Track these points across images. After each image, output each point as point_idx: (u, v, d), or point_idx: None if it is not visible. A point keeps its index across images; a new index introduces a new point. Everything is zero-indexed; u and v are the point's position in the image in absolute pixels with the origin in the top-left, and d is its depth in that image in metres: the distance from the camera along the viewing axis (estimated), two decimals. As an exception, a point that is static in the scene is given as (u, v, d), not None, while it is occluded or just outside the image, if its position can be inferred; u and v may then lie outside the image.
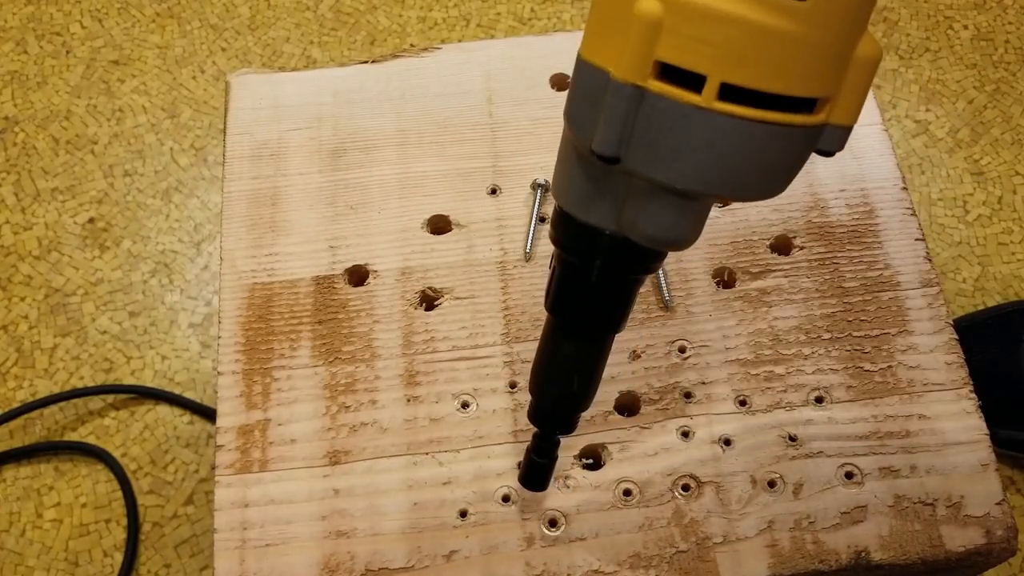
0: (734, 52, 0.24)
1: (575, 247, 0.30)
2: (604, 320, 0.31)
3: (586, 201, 0.28)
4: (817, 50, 0.24)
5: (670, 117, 0.25)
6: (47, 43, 1.08)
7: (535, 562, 0.39)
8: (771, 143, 0.25)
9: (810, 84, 0.25)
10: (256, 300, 0.45)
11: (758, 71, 0.24)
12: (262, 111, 0.51)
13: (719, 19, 0.24)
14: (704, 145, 0.25)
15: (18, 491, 0.81)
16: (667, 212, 0.27)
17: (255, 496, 0.40)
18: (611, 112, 0.25)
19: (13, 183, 0.98)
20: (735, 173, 0.26)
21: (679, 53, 0.24)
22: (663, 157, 0.25)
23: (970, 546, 0.39)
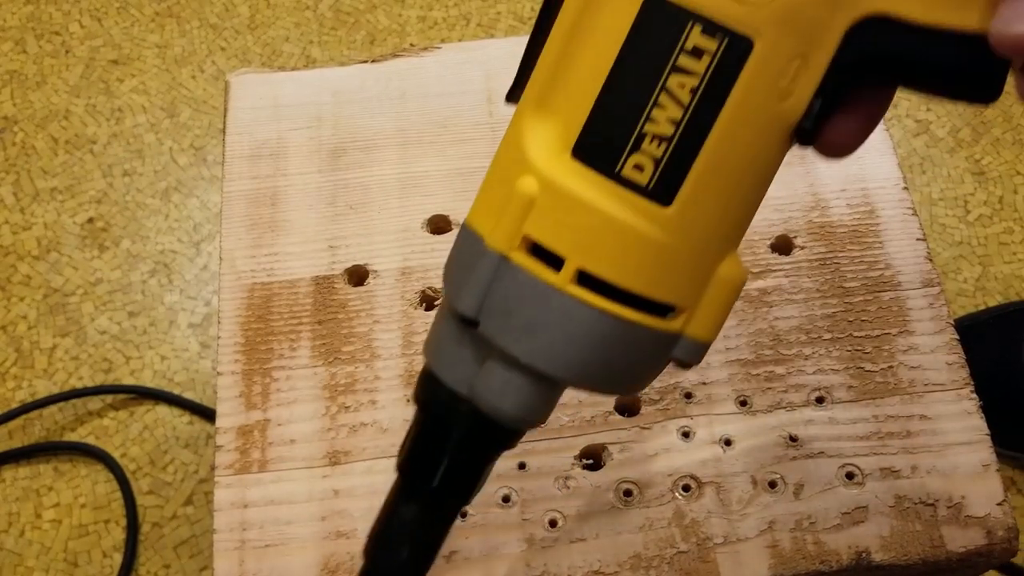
0: (593, 242, 0.25)
1: (435, 411, 0.29)
2: (452, 492, 0.30)
3: (447, 359, 0.28)
4: (674, 258, 0.25)
5: (527, 291, 0.26)
6: (46, 42, 1.07)
7: (535, 563, 0.39)
8: (620, 338, 0.26)
9: (664, 290, 0.26)
10: (255, 300, 0.45)
11: (613, 265, 0.25)
12: (262, 111, 0.51)
13: (583, 208, 0.25)
14: (554, 325, 0.26)
15: (17, 492, 0.81)
16: (513, 385, 0.27)
17: (255, 497, 0.40)
18: (477, 276, 0.26)
19: (12, 183, 0.98)
20: (582, 360, 0.26)
21: (544, 232, 0.25)
22: (515, 329, 0.26)
23: (971, 547, 0.39)
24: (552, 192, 0.25)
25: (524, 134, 0.26)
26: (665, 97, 0.24)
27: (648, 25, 0.24)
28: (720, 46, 0.24)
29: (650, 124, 0.24)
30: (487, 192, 0.27)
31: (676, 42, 0.24)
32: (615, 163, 0.25)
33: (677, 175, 0.24)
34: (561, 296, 0.25)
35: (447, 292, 0.28)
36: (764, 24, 0.23)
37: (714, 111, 0.24)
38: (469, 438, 0.29)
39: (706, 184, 0.25)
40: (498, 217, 0.26)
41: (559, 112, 0.25)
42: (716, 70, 0.24)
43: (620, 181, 0.25)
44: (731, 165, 0.25)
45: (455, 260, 0.28)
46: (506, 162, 0.27)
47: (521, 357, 0.26)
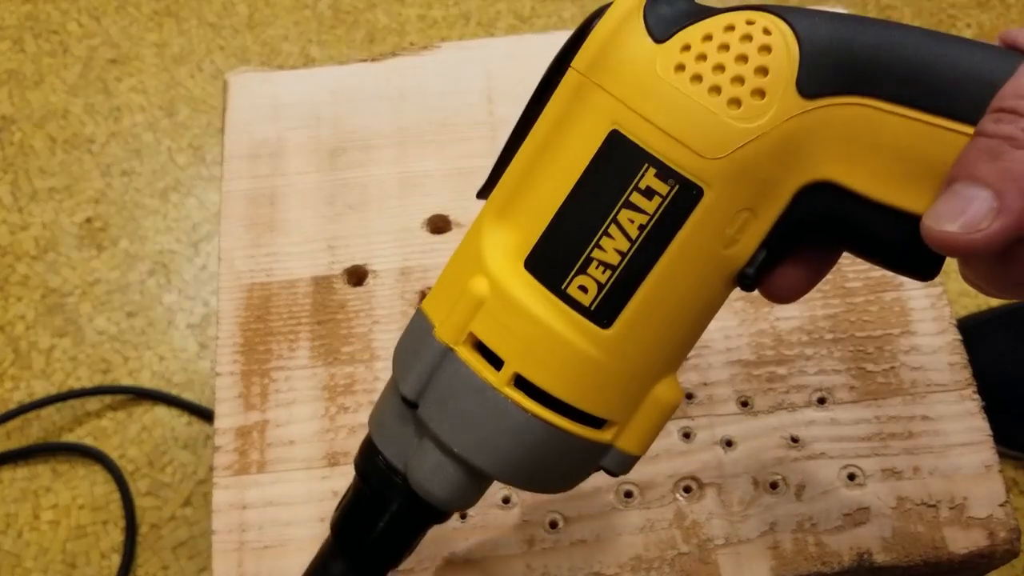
0: (532, 350, 0.26)
1: (372, 479, 0.30)
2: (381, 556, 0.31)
3: (387, 432, 0.30)
4: (609, 376, 0.26)
5: (466, 385, 0.27)
6: (44, 41, 1.07)
7: (535, 564, 0.38)
8: (550, 442, 0.27)
9: (596, 405, 0.27)
10: (254, 300, 0.45)
11: (549, 375, 0.26)
12: (260, 110, 0.50)
13: (527, 317, 0.26)
14: (487, 421, 0.27)
15: (15, 493, 0.81)
16: (444, 471, 0.28)
17: (253, 498, 0.40)
18: (422, 362, 0.27)
19: (10, 182, 0.98)
20: (510, 459, 0.27)
21: (488, 333, 0.26)
22: (451, 419, 0.27)
23: (973, 548, 0.39)
24: (501, 297, 0.26)
25: (483, 237, 0.27)
26: (615, 229, 0.25)
27: (608, 158, 0.25)
28: (671, 191, 0.25)
29: (598, 251, 0.25)
30: (443, 283, 0.29)
31: (631, 180, 0.25)
32: (562, 280, 0.26)
33: (618, 301, 0.26)
34: (496, 395, 0.26)
35: (395, 369, 0.29)
36: (716, 176, 0.24)
37: (659, 248, 0.25)
38: (401, 511, 0.30)
39: (646, 313, 0.26)
40: (449, 310, 0.27)
41: (518, 222, 0.27)
42: (665, 211, 0.25)
43: (564, 298, 0.26)
44: (672, 299, 0.26)
45: (405, 341, 0.29)
46: (464, 259, 0.28)
47: (453, 447, 0.27)
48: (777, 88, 0.24)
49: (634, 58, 0.25)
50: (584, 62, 0.26)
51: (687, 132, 0.24)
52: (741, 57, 0.24)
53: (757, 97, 0.24)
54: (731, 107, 0.24)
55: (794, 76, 0.24)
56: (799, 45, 0.24)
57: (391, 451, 0.29)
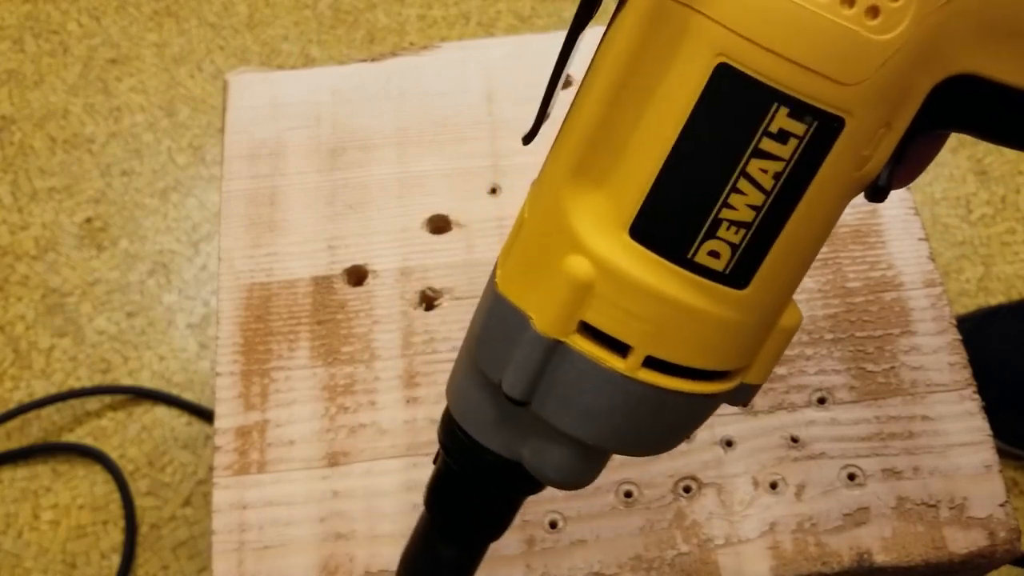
0: (663, 331, 0.23)
1: (464, 462, 0.28)
2: (484, 528, 0.30)
3: (487, 427, 0.27)
4: (747, 331, 0.24)
5: (588, 378, 0.24)
6: (44, 41, 1.07)
7: (535, 564, 0.38)
8: (686, 410, 0.25)
9: (733, 360, 0.25)
10: (254, 300, 0.45)
11: (684, 349, 0.24)
12: (260, 110, 0.50)
13: (651, 296, 0.23)
14: (620, 408, 0.24)
15: (15, 493, 0.81)
16: (569, 459, 0.26)
17: (253, 498, 0.40)
18: (526, 359, 0.24)
19: (10, 182, 0.98)
20: (644, 434, 0.26)
21: (606, 320, 0.23)
22: (575, 413, 0.25)
23: (973, 548, 0.39)
24: (611, 277, 0.23)
25: (565, 205, 0.24)
26: (745, 182, 0.22)
27: (720, 98, 0.21)
28: (809, 129, 0.21)
29: (727, 210, 0.22)
30: (527, 264, 0.25)
31: (758, 124, 0.21)
32: (687, 248, 0.22)
33: (756, 258, 0.23)
34: (628, 382, 0.24)
35: (483, 365, 0.26)
36: (858, 102, 0.21)
37: (798, 193, 0.22)
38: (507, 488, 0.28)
39: (783, 261, 0.23)
40: (546, 299, 0.24)
41: (609, 184, 0.23)
42: (803, 153, 0.22)
43: (693, 268, 0.23)
44: (808, 238, 0.23)
45: (493, 333, 0.26)
46: (546, 234, 0.24)
47: (586, 440, 0.25)
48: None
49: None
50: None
51: (821, 57, 0.20)
52: None
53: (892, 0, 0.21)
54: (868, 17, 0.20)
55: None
56: None
57: (494, 443, 0.27)
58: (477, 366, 0.27)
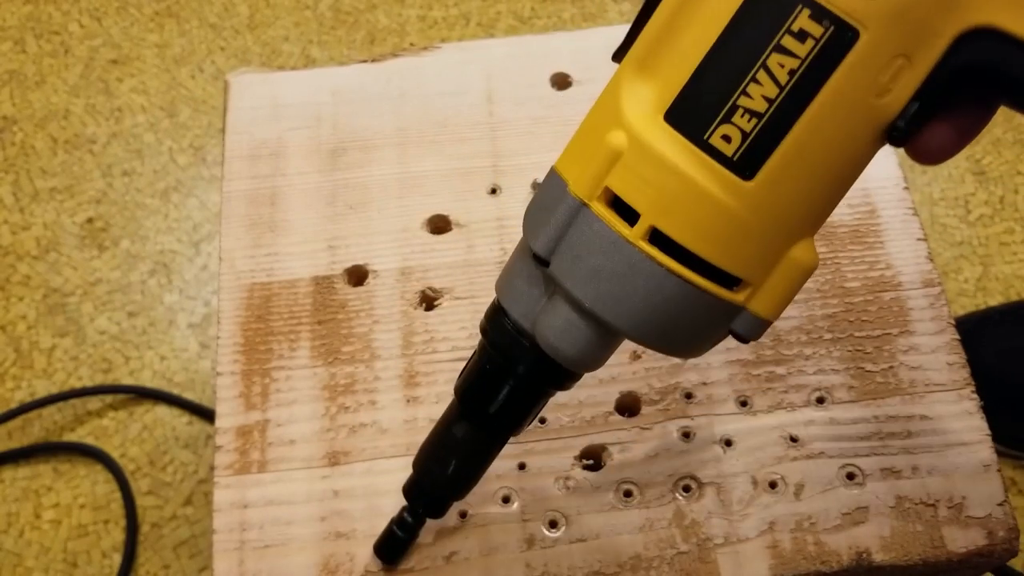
0: (670, 203, 0.25)
1: (499, 342, 0.30)
2: (505, 419, 0.32)
3: (515, 293, 0.30)
4: (747, 232, 0.26)
5: (599, 239, 0.26)
6: (45, 42, 1.07)
7: (535, 563, 0.39)
8: (682, 299, 0.26)
9: (733, 261, 0.26)
10: (255, 300, 0.45)
11: (686, 229, 0.26)
12: (261, 110, 0.51)
13: (666, 169, 0.25)
14: (620, 276, 0.26)
15: (16, 492, 0.81)
16: (575, 328, 0.28)
17: (254, 497, 0.40)
18: (555, 218, 0.27)
19: (11, 183, 0.98)
20: (642, 315, 0.27)
21: (625, 187, 0.26)
22: (583, 274, 0.27)
23: (972, 547, 0.39)
24: (639, 149, 0.25)
25: (622, 90, 0.26)
26: (763, 74, 0.24)
27: (758, 2, 0.24)
28: (826, 33, 0.23)
29: (744, 98, 0.24)
30: (578, 140, 0.28)
31: (783, 22, 0.24)
32: (704, 130, 0.25)
33: (763, 151, 0.25)
34: (631, 249, 0.26)
35: (525, 230, 0.29)
36: (873, 17, 0.23)
37: (809, 95, 0.24)
38: (528, 372, 0.30)
39: (790, 165, 0.25)
40: (584, 165, 0.27)
41: (659, 74, 0.26)
42: (818, 55, 0.24)
43: (706, 149, 0.25)
44: (818, 151, 0.25)
45: (538, 200, 0.29)
46: (600, 114, 0.27)
47: (585, 302, 0.27)
48: None
49: None
50: None
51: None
52: None
53: None
54: None
55: None
56: None
57: (519, 311, 0.29)
58: (523, 242, 0.29)
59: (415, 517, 0.36)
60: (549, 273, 0.28)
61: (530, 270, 0.29)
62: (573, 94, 0.51)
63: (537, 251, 0.27)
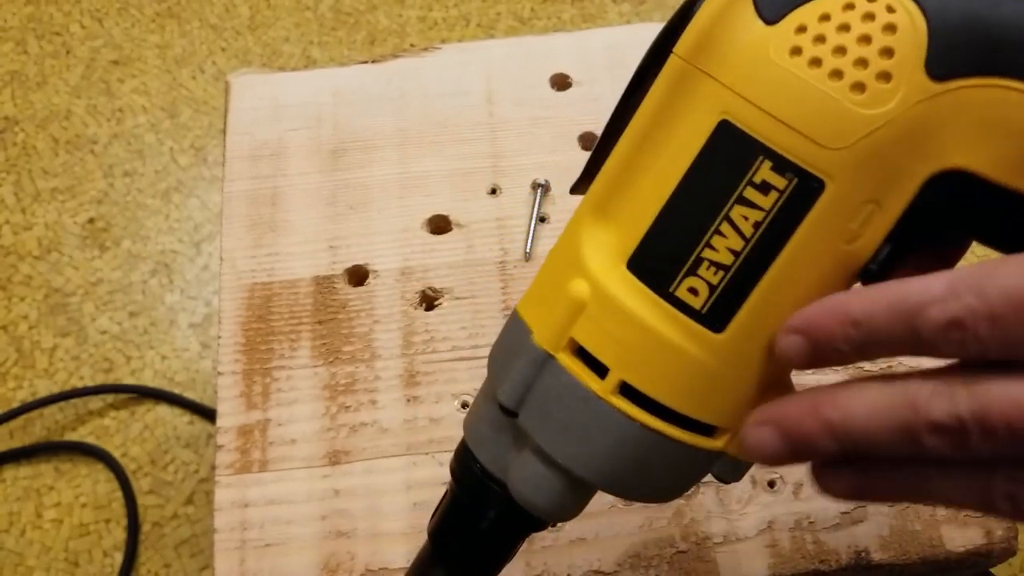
0: (638, 357, 0.25)
1: (470, 487, 0.29)
2: (479, 565, 0.30)
3: (484, 439, 0.29)
4: (721, 383, 0.25)
5: (568, 393, 0.25)
6: (47, 43, 1.08)
7: (535, 562, 0.39)
8: (658, 451, 0.25)
9: (708, 412, 0.25)
10: (256, 300, 0.45)
11: (657, 383, 0.25)
12: (262, 111, 0.51)
13: (632, 323, 0.24)
14: (592, 431, 0.25)
15: (18, 491, 0.82)
16: (546, 481, 0.27)
17: (255, 496, 0.40)
18: (520, 369, 0.26)
19: (13, 183, 0.98)
20: (616, 469, 0.26)
21: (590, 339, 0.25)
22: (553, 429, 0.26)
23: (970, 546, 0.39)
24: (603, 301, 0.25)
25: (582, 235, 0.26)
26: (727, 226, 0.23)
27: (718, 150, 0.24)
28: (790, 184, 0.23)
29: (709, 251, 0.24)
30: (540, 284, 0.27)
31: (744, 174, 0.23)
32: (669, 282, 0.24)
33: (732, 304, 0.24)
34: (601, 404, 0.25)
35: (491, 374, 0.28)
36: (839, 167, 0.23)
37: (777, 246, 0.23)
38: (501, 519, 0.29)
39: (762, 315, 0.24)
40: (547, 314, 0.26)
41: (619, 221, 0.25)
42: (783, 207, 0.23)
43: (672, 301, 0.24)
44: (790, 299, 0.24)
45: (503, 343, 0.28)
46: (561, 259, 0.26)
47: (556, 457, 0.26)
48: (904, 70, 0.22)
49: (744, 42, 0.23)
50: (687, 47, 0.24)
51: (806, 120, 0.22)
52: (864, 38, 0.22)
53: (883, 81, 0.22)
54: (854, 92, 0.22)
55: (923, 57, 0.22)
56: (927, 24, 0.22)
57: (488, 458, 0.28)
58: (490, 384, 0.28)
59: None
60: (518, 424, 0.27)
61: (497, 416, 0.28)
62: (573, 95, 0.51)
63: (503, 402, 0.27)
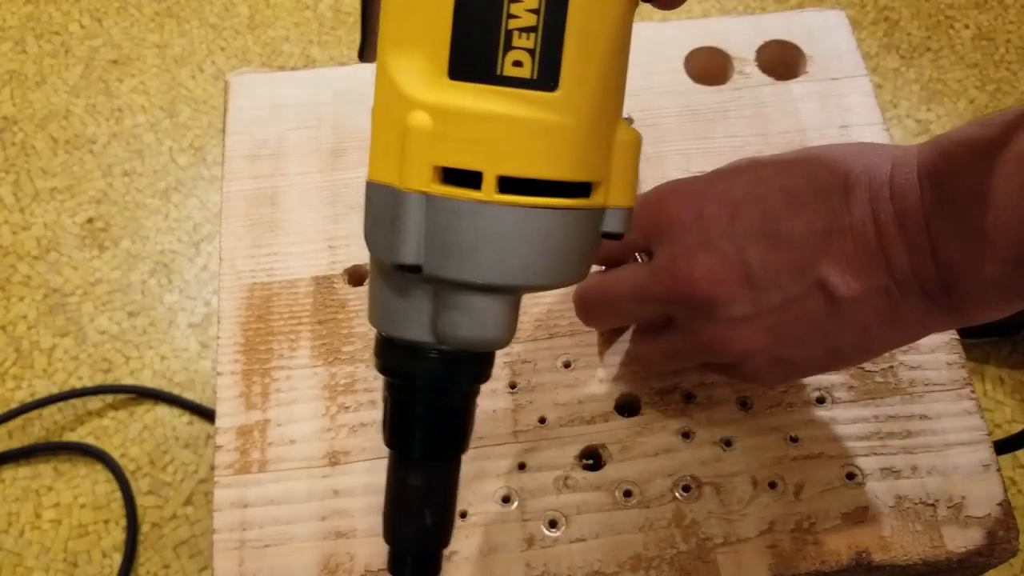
0: (500, 147, 0.26)
1: (401, 369, 0.30)
2: (446, 441, 0.31)
3: (400, 318, 0.29)
4: (575, 136, 0.27)
5: (457, 217, 0.26)
6: (46, 42, 1.07)
7: (535, 563, 0.39)
8: (554, 228, 0.27)
9: (576, 168, 0.27)
10: (255, 300, 0.45)
11: (526, 161, 0.26)
12: (261, 111, 0.51)
13: (480, 119, 0.26)
14: (493, 238, 0.27)
15: (17, 492, 0.81)
16: (475, 312, 0.28)
17: (254, 497, 0.40)
18: (404, 222, 0.27)
19: (12, 183, 0.98)
20: (528, 262, 0.27)
21: (453, 155, 0.26)
22: (458, 256, 0.27)
23: (971, 546, 0.39)
24: (445, 116, 0.26)
25: (395, 75, 0.27)
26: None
27: None
28: None
29: (513, 20, 0.25)
30: (379, 142, 0.28)
31: None
32: (494, 67, 0.26)
33: (554, 58, 0.26)
34: (491, 208, 0.26)
35: (376, 254, 0.29)
36: None
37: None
38: (447, 381, 0.29)
39: (582, 59, 0.26)
40: (401, 161, 0.27)
41: (421, 44, 0.26)
42: None
43: (505, 82, 0.26)
44: (596, 35, 0.26)
45: (375, 220, 0.29)
46: (387, 108, 0.28)
47: (476, 279, 0.27)
48: None
49: None
50: None
51: None
52: None
53: None
54: None
55: None
56: None
57: (411, 332, 0.29)
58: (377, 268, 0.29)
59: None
60: (426, 275, 0.27)
61: (400, 285, 0.28)
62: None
63: (405, 262, 0.27)
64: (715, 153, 0.48)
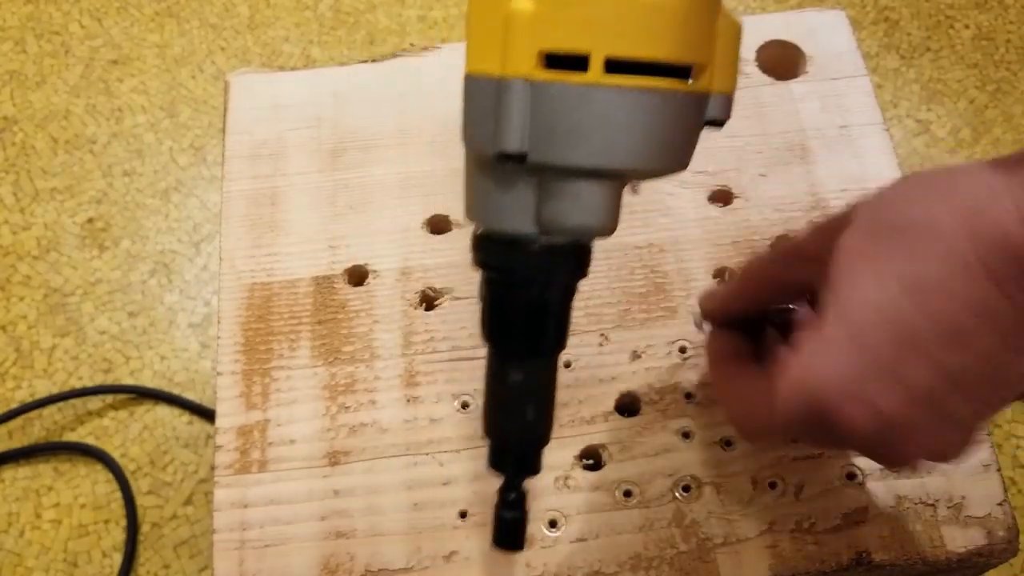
0: (609, 26, 0.26)
1: (501, 263, 0.30)
2: (546, 336, 0.31)
3: (502, 210, 0.29)
4: (681, 15, 0.26)
5: (563, 101, 0.26)
6: (46, 42, 1.07)
7: (535, 563, 0.39)
8: (661, 111, 0.27)
9: (683, 50, 0.27)
10: (255, 300, 0.45)
11: (634, 41, 0.26)
12: (261, 110, 0.51)
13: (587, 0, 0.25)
14: (600, 121, 0.26)
15: (17, 492, 0.81)
16: (580, 198, 0.28)
17: (254, 497, 0.40)
18: (508, 110, 0.27)
19: (12, 183, 0.98)
20: (635, 145, 0.27)
21: (558, 39, 0.26)
22: (564, 141, 0.27)
23: (971, 546, 0.39)
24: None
25: None
26: None
27: None
28: None
29: None
30: (479, 36, 0.28)
31: None
32: None
33: None
34: (598, 90, 0.26)
35: (478, 148, 0.28)
36: None
37: None
38: (549, 273, 0.29)
39: None
40: (505, 48, 0.26)
41: None
42: None
43: None
44: None
45: (475, 113, 0.28)
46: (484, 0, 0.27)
47: (582, 163, 0.27)
48: None
49: None
50: None
51: None
52: None
53: None
54: None
55: None
56: None
57: (513, 223, 0.29)
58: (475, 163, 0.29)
59: (518, 490, 0.33)
60: (530, 164, 0.27)
61: (501, 177, 0.28)
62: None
63: (509, 150, 0.27)
64: (715, 153, 0.48)
